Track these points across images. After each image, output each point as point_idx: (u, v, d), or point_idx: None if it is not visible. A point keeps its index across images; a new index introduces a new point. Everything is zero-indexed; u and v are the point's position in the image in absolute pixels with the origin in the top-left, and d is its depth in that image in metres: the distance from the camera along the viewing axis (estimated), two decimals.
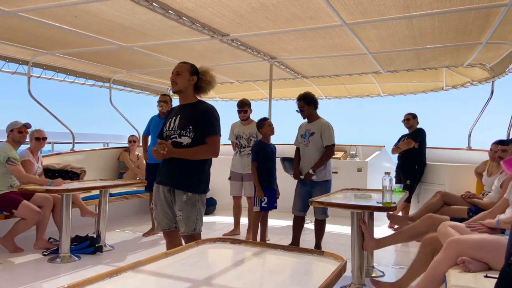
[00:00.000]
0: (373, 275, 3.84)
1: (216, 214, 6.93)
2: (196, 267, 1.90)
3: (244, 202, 5.40)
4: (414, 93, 7.89)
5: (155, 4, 3.62)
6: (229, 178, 5.45)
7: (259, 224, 4.82)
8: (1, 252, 4.34)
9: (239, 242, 2.23)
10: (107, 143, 10.24)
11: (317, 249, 2.38)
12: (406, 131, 6.07)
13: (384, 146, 7.66)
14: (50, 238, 4.66)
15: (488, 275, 2.13)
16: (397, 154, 6.10)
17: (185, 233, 2.94)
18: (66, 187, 4.30)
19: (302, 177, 4.45)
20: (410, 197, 5.79)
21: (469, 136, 6.62)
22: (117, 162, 6.78)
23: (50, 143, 8.69)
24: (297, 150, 4.66)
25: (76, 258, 4.20)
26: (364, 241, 3.38)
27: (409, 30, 4.40)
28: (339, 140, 4.50)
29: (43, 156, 5.33)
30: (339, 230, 5.61)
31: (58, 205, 4.49)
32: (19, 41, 5.02)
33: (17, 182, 4.51)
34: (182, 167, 2.93)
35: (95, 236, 4.66)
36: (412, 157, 5.89)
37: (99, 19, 4.08)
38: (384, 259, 4.34)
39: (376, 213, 3.82)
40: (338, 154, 7.26)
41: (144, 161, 6.16)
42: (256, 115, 5.40)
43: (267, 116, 5.93)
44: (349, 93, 8.36)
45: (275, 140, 5.18)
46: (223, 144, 6.48)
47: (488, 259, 2.28)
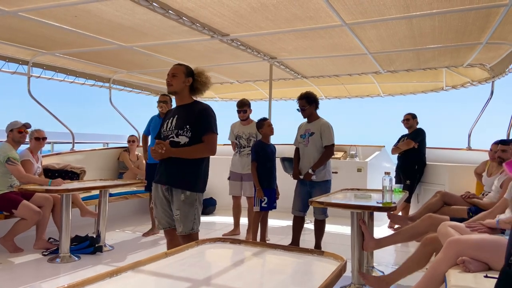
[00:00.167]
0: (373, 275, 3.84)
1: (216, 214, 6.93)
2: (196, 267, 1.90)
3: (244, 202, 5.40)
4: (414, 93, 7.89)
5: (155, 4, 3.62)
6: (229, 178, 5.45)
7: (259, 224, 4.82)
8: (1, 252, 4.34)
9: (239, 242, 2.23)
10: (107, 143, 10.22)
11: (317, 249, 2.38)
12: (406, 131, 6.07)
13: (384, 146, 7.66)
14: (50, 238, 4.66)
15: (488, 275, 2.13)
16: (397, 154, 6.10)
17: (183, 233, 2.94)
18: (66, 187, 4.30)
19: (302, 177, 4.44)
20: (410, 197, 5.79)
21: (469, 136, 6.62)
22: (117, 162, 6.78)
23: (50, 143, 8.68)
24: (297, 150, 4.64)
25: (76, 258, 4.20)
26: (364, 241, 3.38)
27: (409, 30, 4.40)
28: (339, 140, 4.49)
29: (43, 156, 5.33)
30: (339, 230, 5.61)
31: (58, 205, 4.48)
32: (19, 41, 5.02)
33: (17, 182, 4.51)
34: (180, 166, 2.96)
35: (95, 236, 4.66)
36: (412, 157, 5.89)
37: (99, 19, 4.08)
38: (384, 259, 4.34)
39: (376, 213, 3.82)
40: (338, 154, 7.26)
41: (144, 161, 6.16)
42: (256, 115, 5.41)
43: (267, 116, 5.94)
44: (349, 93, 8.36)
45: (275, 140, 5.18)
46: (223, 144, 6.52)
47: (488, 259, 2.27)
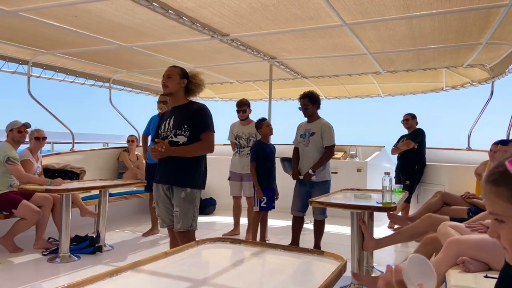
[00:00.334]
0: (373, 275, 3.84)
1: (216, 214, 6.93)
2: (196, 267, 1.90)
3: (244, 202, 5.40)
4: (414, 94, 7.89)
5: (155, 4, 3.62)
6: (229, 178, 5.45)
7: (259, 224, 4.82)
8: (1, 252, 4.33)
9: (239, 242, 2.23)
10: (107, 143, 10.22)
11: (317, 249, 2.38)
12: (406, 132, 6.07)
13: (384, 147, 7.66)
14: (50, 238, 4.65)
15: (488, 275, 2.13)
16: (397, 155, 6.10)
17: (182, 229, 3.02)
18: (66, 187, 4.30)
19: (302, 178, 4.43)
20: (410, 198, 5.79)
21: (469, 137, 6.62)
22: (117, 162, 6.77)
23: (50, 143, 8.68)
24: (296, 150, 4.62)
25: (76, 258, 4.19)
26: (364, 241, 3.38)
27: (409, 31, 4.40)
28: (339, 141, 4.49)
29: (43, 156, 5.33)
30: (339, 230, 5.61)
31: (58, 205, 4.48)
32: (19, 41, 5.02)
33: (17, 182, 4.51)
34: (179, 165, 3.06)
35: (95, 236, 4.66)
36: (412, 158, 5.89)
37: (99, 19, 4.07)
38: (384, 259, 4.34)
39: (376, 213, 3.81)
40: (338, 154, 7.26)
41: (144, 161, 6.15)
42: (256, 115, 5.41)
43: (267, 116, 5.94)
44: (349, 94, 8.35)
45: (275, 140, 5.18)
46: (223, 144, 6.52)
47: (488, 259, 2.27)
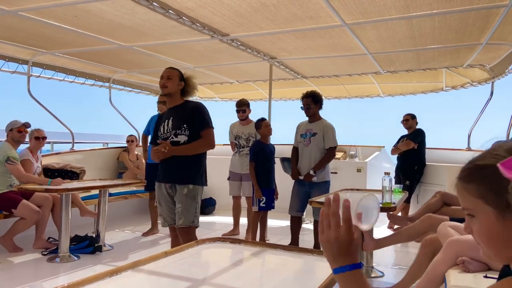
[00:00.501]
0: (373, 276, 3.84)
1: (216, 214, 6.93)
2: (196, 267, 1.90)
3: (244, 202, 5.40)
4: (414, 94, 7.90)
5: (155, 4, 3.62)
6: (228, 178, 5.45)
7: (259, 224, 4.82)
8: (0, 252, 4.33)
9: (239, 242, 2.23)
10: (107, 143, 10.22)
11: (317, 249, 2.38)
12: (406, 132, 6.07)
13: (384, 147, 7.66)
14: (50, 238, 4.65)
15: (488, 276, 2.13)
16: (397, 155, 6.10)
17: (183, 225, 3.07)
18: (66, 187, 4.30)
19: (302, 178, 4.41)
20: (410, 198, 5.78)
21: (469, 137, 6.62)
22: (117, 162, 6.77)
23: (50, 143, 8.67)
24: (295, 150, 4.59)
25: (76, 258, 4.19)
26: (364, 242, 3.38)
27: (409, 31, 4.40)
28: (339, 141, 4.48)
29: (43, 156, 5.33)
30: None
31: (58, 205, 4.48)
32: (19, 41, 5.01)
33: (17, 182, 4.51)
34: (180, 163, 3.13)
35: (95, 236, 4.65)
36: (412, 158, 5.89)
37: (99, 19, 4.07)
38: (384, 260, 4.34)
39: None
40: (338, 155, 7.25)
41: (144, 161, 6.15)
42: (256, 115, 5.40)
43: (267, 116, 5.94)
44: (349, 94, 8.36)
45: (275, 141, 5.18)
46: (223, 144, 6.51)
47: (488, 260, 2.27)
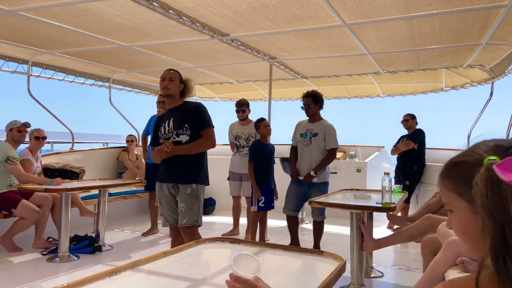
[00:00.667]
0: (372, 276, 3.84)
1: (215, 214, 6.93)
2: (195, 267, 1.90)
3: (244, 202, 5.40)
4: (414, 94, 7.90)
5: (155, 4, 3.62)
6: (228, 178, 5.45)
7: (258, 224, 4.83)
8: (0, 252, 4.33)
9: (239, 242, 2.23)
10: (107, 143, 10.20)
11: (317, 249, 2.38)
12: (406, 132, 6.07)
13: (384, 147, 7.66)
14: (49, 238, 4.65)
15: None
16: (397, 155, 6.10)
17: (187, 224, 3.11)
18: (65, 187, 4.30)
19: (302, 178, 4.37)
20: (410, 198, 5.78)
21: (469, 137, 6.62)
22: (116, 162, 6.77)
23: (50, 143, 8.66)
24: (294, 149, 4.54)
25: (75, 258, 4.19)
26: (364, 242, 3.38)
27: (409, 31, 4.40)
28: (339, 141, 4.48)
29: (43, 156, 5.33)
30: (339, 231, 5.61)
31: (57, 205, 4.48)
32: (19, 40, 5.01)
33: (16, 181, 4.51)
34: (183, 162, 3.16)
35: (94, 236, 4.66)
36: (412, 158, 5.89)
37: (99, 19, 4.07)
38: (383, 260, 4.34)
39: (376, 214, 3.82)
40: (338, 155, 7.24)
41: (144, 161, 6.15)
42: (256, 116, 5.41)
43: (267, 116, 5.93)
44: (349, 94, 8.36)
45: (275, 141, 5.18)
46: (223, 144, 6.51)
47: None
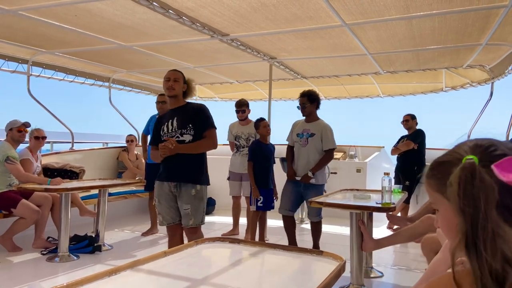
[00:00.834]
0: (372, 276, 3.84)
1: (215, 214, 6.93)
2: (195, 267, 1.90)
3: (243, 202, 5.39)
4: (414, 94, 7.90)
5: (155, 4, 3.62)
6: (228, 178, 5.45)
7: (258, 224, 4.83)
8: (0, 251, 4.33)
9: (238, 242, 2.23)
10: (106, 143, 10.20)
11: (316, 249, 2.38)
12: (406, 132, 6.07)
13: (384, 147, 7.65)
14: (49, 237, 4.65)
15: None
16: (397, 155, 6.10)
17: (193, 225, 3.19)
18: (65, 186, 4.30)
19: (299, 179, 4.31)
20: (409, 198, 5.78)
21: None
22: (116, 162, 6.77)
23: (49, 142, 8.66)
24: (290, 149, 4.49)
25: (75, 257, 4.19)
26: (363, 242, 3.37)
27: (409, 31, 4.40)
28: (339, 141, 4.48)
29: (42, 155, 5.32)
30: (338, 231, 5.60)
31: (57, 204, 4.48)
32: (19, 40, 5.01)
33: (16, 181, 4.51)
34: (186, 163, 3.21)
35: (94, 236, 4.65)
36: (412, 158, 5.89)
37: (99, 18, 4.07)
38: (383, 260, 4.34)
39: (375, 214, 3.82)
40: (338, 155, 7.26)
41: (144, 161, 6.14)
42: (256, 116, 5.41)
43: (267, 116, 5.93)
44: (349, 94, 8.36)
45: (275, 141, 5.17)
46: (222, 144, 6.50)
47: None
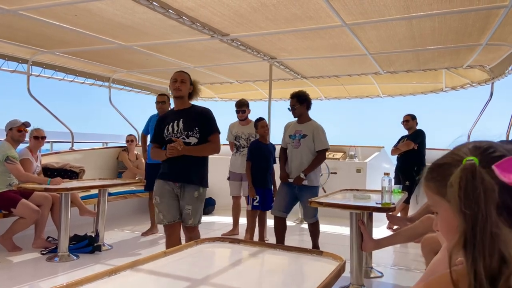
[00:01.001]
0: (372, 276, 3.84)
1: (215, 214, 6.93)
2: (195, 266, 1.90)
3: (244, 202, 5.40)
4: (414, 94, 7.90)
5: (155, 3, 3.62)
6: (228, 178, 5.45)
7: (258, 225, 4.83)
8: (0, 251, 4.33)
9: (238, 242, 2.23)
10: (106, 143, 10.19)
11: (316, 249, 2.38)
12: (406, 132, 6.06)
13: (384, 147, 7.65)
14: (49, 237, 4.65)
15: None
16: (397, 155, 6.10)
17: (192, 225, 3.32)
18: (65, 186, 4.30)
19: (291, 181, 4.24)
20: (409, 198, 5.78)
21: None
22: (116, 162, 6.77)
23: (49, 142, 8.66)
24: (283, 151, 4.42)
25: (75, 257, 4.19)
26: (363, 242, 3.37)
27: (409, 31, 4.40)
28: (338, 141, 4.48)
29: (42, 155, 5.32)
30: (338, 231, 5.61)
31: (57, 204, 4.48)
32: (19, 40, 5.01)
33: (16, 181, 4.51)
34: (191, 165, 3.30)
35: (94, 235, 4.65)
36: (412, 158, 5.89)
37: (99, 18, 4.07)
38: (383, 260, 4.34)
39: (375, 214, 3.82)
40: (338, 155, 7.25)
41: (143, 161, 6.14)
42: (256, 116, 5.41)
43: (267, 116, 5.93)
44: (349, 94, 8.35)
45: (275, 141, 5.17)
46: (222, 144, 6.51)
47: None
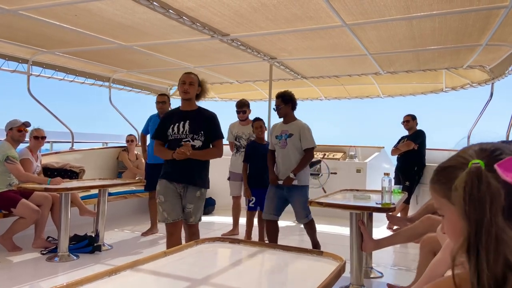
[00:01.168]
0: (372, 276, 3.84)
1: (215, 214, 6.93)
2: (195, 266, 1.90)
3: (244, 202, 5.40)
4: (414, 95, 7.90)
5: (156, 3, 3.62)
6: (228, 179, 5.45)
7: (258, 225, 4.84)
8: (0, 251, 4.33)
9: (238, 242, 2.23)
10: (106, 143, 10.19)
11: (316, 249, 2.38)
12: (406, 133, 6.07)
13: (384, 147, 7.65)
14: (49, 237, 4.65)
15: None
16: (397, 156, 6.10)
17: (193, 222, 3.46)
18: (65, 186, 4.30)
19: (281, 183, 4.16)
20: (409, 199, 5.78)
21: (469, 138, 6.61)
22: (116, 162, 6.77)
23: (49, 142, 8.66)
24: (272, 153, 4.35)
25: (75, 257, 4.19)
26: (363, 242, 3.38)
27: (409, 31, 4.40)
28: (339, 141, 4.47)
29: (42, 155, 5.32)
30: (338, 231, 5.60)
31: (57, 204, 4.48)
32: (19, 40, 5.01)
33: (16, 181, 4.51)
34: (196, 168, 3.40)
35: (94, 235, 4.65)
36: (412, 159, 5.89)
37: (99, 18, 4.07)
38: (383, 260, 4.34)
39: (375, 214, 3.82)
40: (338, 155, 7.25)
41: (143, 161, 6.14)
42: (256, 116, 5.41)
43: (267, 116, 5.93)
44: (349, 94, 8.35)
45: None
46: (224, 144, 6.51)
47: None
